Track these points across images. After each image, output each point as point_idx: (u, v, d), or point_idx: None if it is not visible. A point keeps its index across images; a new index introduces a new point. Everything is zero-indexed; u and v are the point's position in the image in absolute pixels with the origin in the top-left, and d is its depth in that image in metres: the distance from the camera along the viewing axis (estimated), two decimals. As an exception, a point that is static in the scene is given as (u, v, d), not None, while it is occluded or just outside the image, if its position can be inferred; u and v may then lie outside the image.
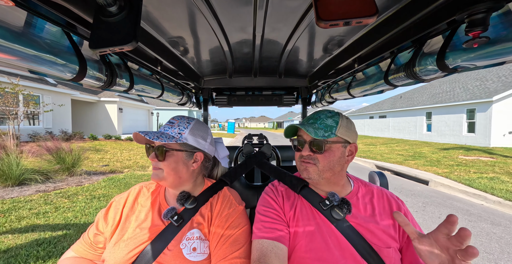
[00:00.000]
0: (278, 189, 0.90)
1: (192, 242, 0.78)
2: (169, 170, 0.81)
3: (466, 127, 13.53)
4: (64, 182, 4.95)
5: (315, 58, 1.24)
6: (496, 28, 0.52)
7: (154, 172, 0.83)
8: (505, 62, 0.57)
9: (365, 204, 0.81)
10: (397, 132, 20.12)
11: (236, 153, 1.72)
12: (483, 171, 6.48)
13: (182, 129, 0.85)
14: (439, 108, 15.37)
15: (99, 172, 6.03)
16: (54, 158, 5.32)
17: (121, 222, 0.84)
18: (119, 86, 0.94)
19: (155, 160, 0.81)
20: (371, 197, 0.83)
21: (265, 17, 0.75)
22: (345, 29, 0.86)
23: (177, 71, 1.29)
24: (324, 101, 1.87)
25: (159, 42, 0.95)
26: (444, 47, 0.66)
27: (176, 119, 0.89)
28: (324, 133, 0.77)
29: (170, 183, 0.83)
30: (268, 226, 0.77)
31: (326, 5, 0.40)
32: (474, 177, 5.73)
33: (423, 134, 16.98)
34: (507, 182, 5.30)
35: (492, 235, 2.98)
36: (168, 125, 0.87)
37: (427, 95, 18.44)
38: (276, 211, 0.82)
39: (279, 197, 0.86)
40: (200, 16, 0.75)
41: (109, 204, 0.90)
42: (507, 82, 12.25)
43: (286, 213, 0.82)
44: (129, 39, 0.45)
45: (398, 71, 0.90)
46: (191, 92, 1.95)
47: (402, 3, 0.64)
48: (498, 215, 3.75)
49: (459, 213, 3.78)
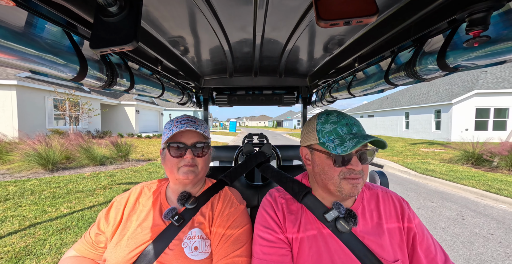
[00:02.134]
0: (278, 202, 0.81)
1: (194, 241, 0.78)
2: (205, 165, 0.86)
3: (434, 125, 16.03)
4: (124, 165, 7.20)
5: (316, 57, 1.24)
6: (496, 27, 0.52)
7: (189, 168, 0.82)
8: (506, 61, 0.57)
9: (371, 211, 0.77)
10: (383, 130, 22.64)
11: (237, 153, 1.71)
12: (425, 158, 8.83)
13: (205, 128, 0.89)
14: (415, 109, 17.82)
15: (140, 159, 8.20)
16: (115, 148, 7.67)
17: (122, 222, 0.84)
18: (120, 86, 0.93)
19: (192, 156, 0.83)
20: (376, 202, 0.79)
21: (265, 17, 0.75)
22: (345, 29, 0.86)
23: (177, 70, 1.29)
24: (325, 100, 1.86)
25: (159, 42, 0.95)
26: (445, 46, 0.66)
27: (193, 118, 0.91)
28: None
29: (198, 179, 0.87)
30: (266, 251, 0.72)
31: (326, 5, 0.41)
32: (414, 162, 8.07)
33: (402, 131, 19.50)
34: (430, 163, 7.65)
35: (395, 189, 5.33)
36: (193, 124, 0.86)
37: (408, 97, 20.91)
38: (275, 232, 0.74)
39: (279, 212, 0.78)
40: (200, 16, 0.75)
41: (110, 204, 0.90)
42: (467, 87, 14.61)
43: (289, 231, 0.75)
44: (129, 39, 0.46)
45: (398, 70, 0.90)
46: (192, 91, 1.94)
47: (403, 2, 0.64)
48: (408, 181, 6.11)
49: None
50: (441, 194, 5.07)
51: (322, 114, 0.77)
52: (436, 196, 4.93)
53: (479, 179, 5.74)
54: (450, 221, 3.56)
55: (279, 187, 0.88)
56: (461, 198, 4.76)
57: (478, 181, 5.64)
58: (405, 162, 8.13)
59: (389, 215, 0.76)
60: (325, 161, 0.71)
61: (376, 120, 24.27)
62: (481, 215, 3.87)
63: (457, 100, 14.06)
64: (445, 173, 6.37)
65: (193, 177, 0.83)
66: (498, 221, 3.57)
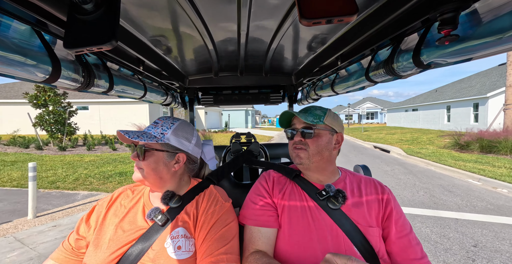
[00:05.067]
0: (271, 174, 0.95)
1: (177, 240, 0.77)
2: (149, 170, 0.81)
3: (473, 118, 16.47)
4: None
5: (300, 56, 1.26)
6: (464, 26, 0.55)
7: (135, 171, 0.83)
8: (472, 58, 0.61)
9: (352, 189, 0.87)
10: (426, 123, 22.92)
11: (224, 152, 1.72)
12: (430, 145, 10.88)
13: (165, 130, 0.85)
14: (456, 102, 18.34)
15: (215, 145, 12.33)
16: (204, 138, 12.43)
17: (104, 224, 0.82)
18: (98, 87, 0.90)
19: (136, 159, 0.81)
20: (358, 183, 0.90)
21: (249, 15, 0.75)
22: (327, 27, 0.88)
23: (160, 71, 1.25)
24: (310, 98, 1.90)
25: (140, 41, 0.93)
26: (419, 44, 0.69)
27: (161, 119, 0.89)
28: (313, 120, 0.85)
29: (151, 183, 0.84)
30: (257, 213, 0.84)
31: (309, 4, 0.41)
32: (416, 148, 10.22)
33: (444, 124, 19.99)
34: (426, 148, 9.90)
35: (378, 163, 8.11)
36: (152, 125, 0.86)
37: (452, 90, 20.93)
38: (264, 197, 0.87)
39: (269, 182, 0.92)
40: (182, 14, 0.73)
41: (91, 208, 0.88)
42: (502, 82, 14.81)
43: (275, 196, 0.88)
44: (108, 39, 0.44)
45: (378, 68, 0.94)
46: (176, 92, 1.91)
47: (380, 2, 0.67)
48: (392, 157, 8.86)
49: (375, 157, 8.97)
50: (400, 163, 7.59)
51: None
52: (396, 163, 7.58)
53: (440, 156, 7.98)
54: (383, 172, 6.29)
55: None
56: (410, 165, 7.35)
57: (437, 156, 7.95)
58: (407, 148, 10.40)
59: (369, 192, 0.87)
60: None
61: (420, 114, 24.64)
62: (407, 170, 6.64)
63: (492, 94, 14.65)
64: (424, 153, 8.74)
65: (138, 180, 0.83)
66: (409, 170, 6.52)
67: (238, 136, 1.93)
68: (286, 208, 0.84)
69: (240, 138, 1.93)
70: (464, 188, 4.93)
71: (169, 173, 0.84)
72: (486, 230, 3.09)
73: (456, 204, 4.01)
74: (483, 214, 3.61)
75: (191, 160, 0.92)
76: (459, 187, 5.03)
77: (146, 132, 0.84)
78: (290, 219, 0.82)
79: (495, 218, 3.46)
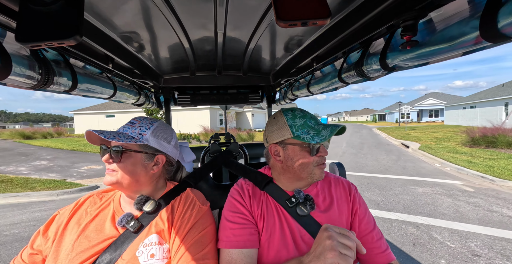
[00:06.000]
0: (244, 188, 0.88)
1: (150, 248, 0.73)
2: (125, 172, 0.76)
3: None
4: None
5: (277, 57, 1.29)
6: (422, 33, 0.61)
7: (107, 175, 0.76)
8: (429, 63, 0.68)
9: (324, 194, 0.87)
10: (484, 121, 21.14)
11: (203, 154, 1.68)
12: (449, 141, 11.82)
13: (143, 130, 0.80)
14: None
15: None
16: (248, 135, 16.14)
17: (65, 235, 0.75)
18: (59, 85, 0.82)
19: (109, 161, 0.75)
20: (329, 186, 0.89)
21: (226, 15, 0.75)
22: (303, 30, 0.91)
23: (132, 69, 1.20)
24: (287, 98, 1.95)
25: (109, 37, 0.87)
26: (385, 48, 0.75)
27: (138, 119, 0.84)
28: None
29: (125, 187, 0.78)
30: (237, 233, 0.76)
31: (285, 6, 0.43)
32: (434, 144, 11.15)
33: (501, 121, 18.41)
34: (443, 144, 11.02)
35: (383, 154, 10.20)
36: (128, 125, 0.81)
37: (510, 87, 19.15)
38: (243, 214, 0.80)
39: (245, 197, 0.84)
40: (155, 11, 0.71)
41: (50, 218, 0.80)
42: None
43: (254, 212, 0.82)
44: (71, 33, 0.40)
45: (349, 69, 0.99)
46: (150, 91, 1.84)
47: (351, 7, 0.72)
48: (404, 152, 10.31)
49: (386, 150, 10.85)
50: (401, 153, 9.52)
51: (286, 111, 0.84)
52: (397, 154, 9.52)
53: (442, 149, 9.30)
54: (378, 159, 8.54)
55: (245, 178, 0.95)
56: (407, 155, 9.35)
57: (438, 150, 9.22)
58: (425, 144, 11.43)
59: (339, 194, 0.87)
60: (300, 152, 0.79)
61: (478, 111, 23.46)
62: (398, 157, 8.76)
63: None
64: (432, 147, 9.99)
65: (111, 184, 0.76)
66: (399, 157, 8.74)
67: (217, 137, 1.92)
68: (265, 222, 0.80)
69: (219, 139, 1.91)
70: (428, 169, 6.87)
71: (147, 175, 0.80)
72: (388, 181, 5.65)
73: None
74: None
75: (170, 162, 0.89)
76: (426, 168, 6.99)
77: (122, 132, 0.78)
78: (269, 234, 0.78)
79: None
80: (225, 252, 0.75)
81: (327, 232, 0.59)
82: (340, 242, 0.57)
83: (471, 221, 3.44)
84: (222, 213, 0.84)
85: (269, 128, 0.87)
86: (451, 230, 3.17)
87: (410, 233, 3.11)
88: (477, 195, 4.55)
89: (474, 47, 0.53)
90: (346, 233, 0.58)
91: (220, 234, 0.79)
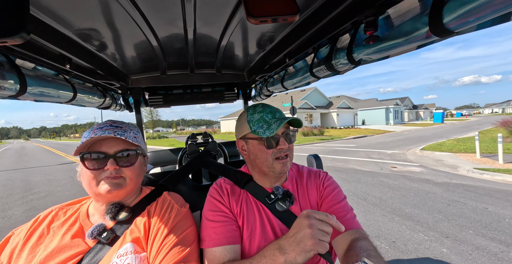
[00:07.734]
0: (223, 186, 0.89)
1: (125, 258, 0.68)
2: (134, 175, 0.75)
3: None
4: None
5: (251, 53, 1.29)
6: (382, 29, 0.67)
7: (114, 181, 0.72)
8: (389, 56, 0.74)
9: (299, 187, 0.90)
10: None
11: (180, 155, 1.62)
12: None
13: (136, 133, 0.79)
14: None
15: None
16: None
17: (22, 256, 0.67)
18: (3, 90, 0.73)
19: (116, 167, 0.71)
20: (301, 179, 0.92)
21: (195, 11, 0.74)
22: (274, 26, 0.93)
23: (94, 69, 1.11)
24: (263, 95, 1.96)
25: (64, 35, 0.80)
26: (351, 43, 0.80)
27: (121, 123, 0.80)
28: None
29: (128, 192, 0.76)
30: (219, 231, 0.77)
31: (255, 3, 0.43)
32: (435, 145, 10.81)
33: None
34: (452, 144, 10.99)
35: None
36: (118, 130, 0.75)
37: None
38: (224, 212, 0.81)
39: (224, 196, 0.86)
40: (116, 6, 0.66)
41: (3, 240, 0.71)
42: None
43: (234, 209, 0.83)
44: (16, 30, 0.36)
45: (319, 64, 1.04)
46: (117, 93, 1.72)
47: (318, 3, 0.75)
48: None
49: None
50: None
51: (250, 107, 0.88)
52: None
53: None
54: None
55: (224, 177, 0.95)
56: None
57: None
58: (430, 146, 11.21)
59: (311, 186, 0.89)
60: (258, 146, 0.82)
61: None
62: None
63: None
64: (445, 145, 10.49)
65: (118, 191, 0.73)
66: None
67: (194, 137, 1.82)
68: (246, 219, 0.81)
69: (196, 139, 1.82)
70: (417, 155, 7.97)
71: (142, 178, 0.81)
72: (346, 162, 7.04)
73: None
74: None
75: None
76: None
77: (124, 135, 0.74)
78: (250, 231, 0.79)
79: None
80: (208, 251, 0.75)
81: (308, 220, 0.60)
82: (320, 230, 0.59)
83: None
84: (203, 213, 0.84)
85: (236, 124, 0.90)
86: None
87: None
88: None
89: (425, 41, 0.59)
90: (325, 219, 0.60)
91: (202, 234, 0.79)
